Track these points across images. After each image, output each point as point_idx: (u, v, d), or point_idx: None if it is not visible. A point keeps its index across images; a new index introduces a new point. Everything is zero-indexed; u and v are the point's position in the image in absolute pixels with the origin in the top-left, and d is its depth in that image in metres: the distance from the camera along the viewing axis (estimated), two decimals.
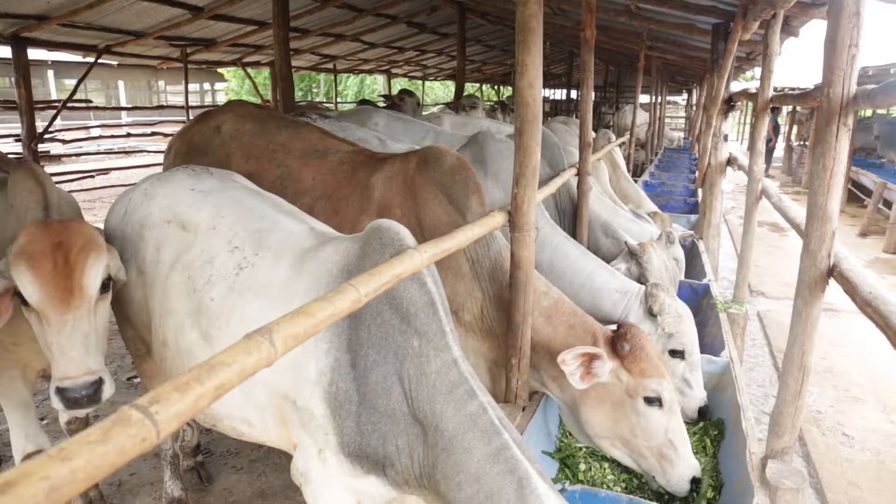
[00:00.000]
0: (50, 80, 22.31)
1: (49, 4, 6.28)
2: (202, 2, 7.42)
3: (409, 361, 1.89)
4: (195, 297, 2.27)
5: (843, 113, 2.09)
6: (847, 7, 2.02)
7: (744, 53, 7.72)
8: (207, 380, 1.04)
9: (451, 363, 1.87)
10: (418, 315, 1.90)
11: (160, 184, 2.64)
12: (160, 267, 2.46)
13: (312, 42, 10.82)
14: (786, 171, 19.75)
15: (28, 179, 2.42)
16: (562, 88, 23.32)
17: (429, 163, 2.94)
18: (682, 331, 3.10)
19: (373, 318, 1.93)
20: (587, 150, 4.33)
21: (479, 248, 2.80)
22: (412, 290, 1.92)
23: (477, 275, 2.82)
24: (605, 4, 6.74)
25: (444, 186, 2.87)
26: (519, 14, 2.30)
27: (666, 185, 9.46)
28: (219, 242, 2.33)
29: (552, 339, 2.70)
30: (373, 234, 2.02)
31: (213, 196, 2.51)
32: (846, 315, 6.57)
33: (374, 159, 3.21)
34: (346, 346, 1.95)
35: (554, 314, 2.76)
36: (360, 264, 1.96)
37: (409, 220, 2.88)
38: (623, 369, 2.47)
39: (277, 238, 2.26)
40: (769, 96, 4.45)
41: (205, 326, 2.23)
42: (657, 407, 2.44)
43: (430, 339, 1.89)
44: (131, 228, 2.58)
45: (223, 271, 2.25)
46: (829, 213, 2.20)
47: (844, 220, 11.87)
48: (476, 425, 1.77)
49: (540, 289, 2.82)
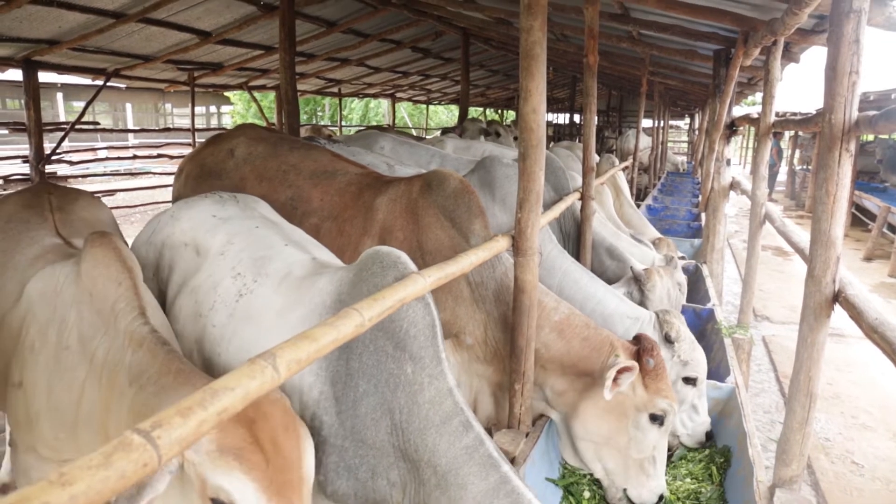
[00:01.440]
0: (59, 102, 22.58)
1: (60, 29, 6.38)
2: (210, 27, 7.53)
3: (402, 390, 1.82)
4: (200, 322, 2.29)
5: (844, 139, 2.10)
6: (847, 35, 2.04)
7: (745, 79, 7.78)
8: (210, 404, 1.03)
9: (446, 392, 1.82)
10: (417, 338, 1.85)
11: (186, 207, 2.71)
12: (171, 287, 2.51)
13: (318, 66, 10.95)
14: (789, 195, 19.76)
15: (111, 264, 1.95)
16: (565, 112, 23.49)
17: (432, 186, 2.95)
18: (697, 359, 3.13)
19: (365, 345, 1.88)
20: (590, 175, 4.34)
21: (483, 270, 2.79)
22: (416, 309, 1.88)
23: (481, 297, 2.81)
24: (608, 31, 6.81)
25: (447, 210, 2.88)
26: (523, 41, 2.33)
27: (669, 209, 9.47)
28: (224, 268, 2.35)
29: (566, 353, 2.71)
30: (367, 260, 2.00)
31: (229, 223, 2.56)
32: (852, 340, 6.52)
33: (379, 182, 3.23)
34: (332, 379, 1.90)
35: (566, 328, 2.76)
36: (353, 291, 1.94)
37: (411, 244, 2.88)
38: (640, 383, 2.49)
39: (277, 266, 2.27)
40: (771, 121, 4.47)
41: (207, 352, 2.24)
42: (658, 425, 2.48)
43: (424, 366, 1.83)
44: (154, 248, 2.64)
45: (225, 297, 2.26)
46: (832, 239, 2.19)
47: (849, 244, 11.84)
48: (472, 459, 1.71)
49: (549, 304, 2.82)
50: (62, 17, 6.02)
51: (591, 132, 4.41)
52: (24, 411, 2.01)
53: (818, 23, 3.93)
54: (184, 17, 6.89)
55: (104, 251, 1.97)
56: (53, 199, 2.81)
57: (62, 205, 2.80)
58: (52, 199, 2.81)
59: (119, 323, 1.81)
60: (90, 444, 1.86)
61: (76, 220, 2.74)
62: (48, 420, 1.95)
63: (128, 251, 2.05)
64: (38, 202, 2.76)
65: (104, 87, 8.72)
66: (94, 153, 15.75)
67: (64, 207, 2.79)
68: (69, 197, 2.92)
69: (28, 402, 2.00)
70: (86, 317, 1.93)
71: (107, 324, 1.86)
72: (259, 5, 7.06)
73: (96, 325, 1.88)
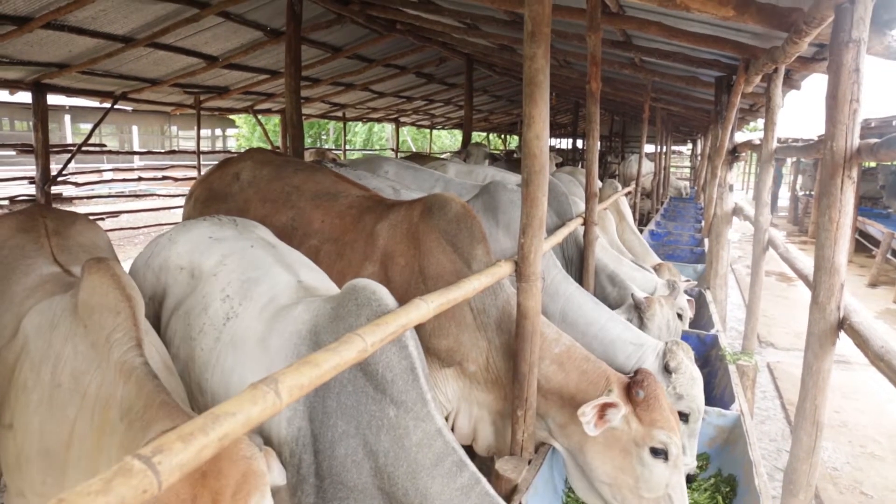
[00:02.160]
0: (66, 124, 22.83)
1: (71, 53, 6.47)
2: (217, 51, 7.63)
3: (385, 433, 1.75)
4: (191, 346, 2.26)
5: (846, 166, 2.11)
6: (847, 64, 2.07)
7: (747, 105, 7.84)
8: (212, 430, 1.03)
9: (434, 433, 1.75)
10: (395, 382, 1.77)
11: (184, 230, 2.70)
12: (166, 310, 2.49)
13: (323, 91, 11.06)
14: (791, 221, 19.78)
15: (109, 293, 1.82)
16: (567, 138, 23.64)
17: (433, 211, 2.92)
18: (693, 395, 3.04)
19: (342, 385, 1.81)
20: (593, 200, 4.36)
21: (485, 297, 2.77)
22: (390, 353, 1.80)
23: (483, 324, 2.78)
24: (610, 57, 6.88)
25: (449, 235, 2.85)
26: (526, 68, 2.36)
27: (672, 234, 9.47)
28: (216, 290, 2.32)
29: (564, 386, 2.66)
30: (347, 294, 1.94)
31: (223, 244, 2.53)
32: (859, 367, 6.47)
33: (381, 206, 3.22)
34: (310, 415, 1.83)
35: (566, 361, 2.72)
36: (333, 326, 1.88)
37: (412, 269, 2.86)
38: (634, 416, 2.44)
39: (262, 290, 2.24)
40: (773, 148, 4.50)
41: (196, 377, 2.21)
42: (662, 459, 2.39)
43: (408, 409, 1.76)
44: (152, 272, 2.62)
45: (214, 320, 2.23)
46: (836, 266, 2.19)
47: (853, 270, 11.81)
48: (469, 498, 1.66)
49: (551, 336, 2.79)
50: (73, 42, 6.11)
51: (593, 157, 4.43)
52: (14, 454, 1.89)
53: (818, 51, 3.97)
54: (191, 41, 6.99)
55: (102, 279, 1.84)
56: (49, 224, 2.65)
57: (58, 229, 2.65)
58: (48, 224, 2.65)
59: (112, 354, 1.69)
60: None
61: (74, 246, 2.60)
62: (38, 464, 1.82)
63: (127, 278, 1.92)
64: (33, 226, 2.61)
65: (111, 109, 8.81)
66: (100, 175, 15.88)
67: (60, 232, 2.64)
68: (65, 221, 2.77)
69: (18, 445, 1.87)
70: (80, 350, 1.80)
71: (101, 356, 1.73)
72: (266, 31, 7.15)
73: (90, 359, 1.76)
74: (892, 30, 2.49)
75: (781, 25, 2.79)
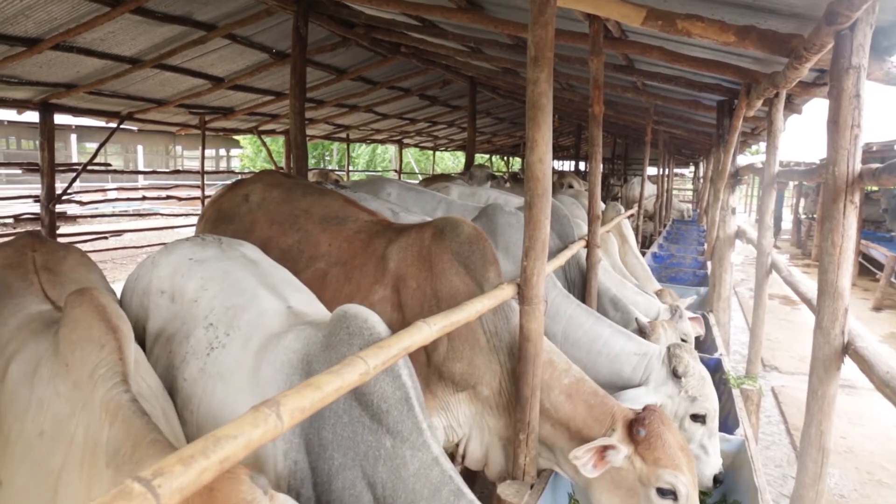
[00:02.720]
0: (72, 143, 23.04)
1: (79, 74, 6.55)
2: (223, 73, 7.72)
3: (382, 464, 1.73)
4: (173, 374, 2.20)
5: (848, 191, 2.12)
6: (847, 90, 2.08)
7: (749, 129, 7.89)
8: (213, 453, 1.02)
9: (431, 462, 1.74)
10: (390, 412, 1.76)
11: (165, 252, 2.65)
12: (149, 336, 2.43)
13: (327, 112, 11.15)
14: (795, 244, 19.76)
15: (93, 325, 1.68)
16: (570, 160, 23.74)
17: (445, 233, 2.92)
18: (706, 395, 3.03)
19: (338, 416, 1.79)
20: (596, 223, 4.36)
21: (497, 320, 2.75)
22: (384, 384, 1.78)
23: (496, 347, 2.75)
24: (613, 81, 6.94)
25: (462, 257, 2.84)
26: (529, 92, 2.38)
27: (675, 256, 9.46)
28: (198, 317, 2.26)
29: (572, 419, 2.63)
30: (338, 322, 1.91)
31: (204, 266, 2.47)
32: (865, 392, 6.41)
33: (390, 230, 3.21)
34: (307, 448, 1.81)
35: (574, 393, 2.68)
36: (325, 356, 1.86)
37: (425, 292, 2.84)
38: (637, 455, 2.37)
39: (249, 318, 2.18)
40: (775, 172, 4.51)
41: (179, 408, 2.14)
42: (671, 500, 2.32)
43: (404, 439, 1.75)
44: (137, 296, 2.58)
45: (197, 349, 2.16)
46: (840, 290, 2.19)
47: (857, 293, 11.77)
48: None
49: (561, 366, 2.77)
50: (81, 63, 6.19)
51: (596, 180, 4.45)
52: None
53: (819, 76, 4.00)
54: (198, 63, 7.07)
55: (84, 311, 1.69)
56: (38, 258, 2.49)
57: (48, 264, 2.48)
58: (37, 258, 2.48)
59: (97, 393, 1.54)
60: None
61: (66, 282, 2.41)
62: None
63: (114, 307, 1.77)
64: (21, 262, 2.44)
65: (117, 129, 8.89)
66: (105, 194, 15.96)
67: (51, 267, 2.47)
68: (57, 255, 2.59)
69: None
70: (62, 392, 1.63)
71: (85, 396, 1.57)
72: (271, 53, 7.24)
73: (74, 401, 1.59)
74: (891, 56, 2.51)
75: (782, 51, 2.81)
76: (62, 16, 5.00)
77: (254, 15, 5.82)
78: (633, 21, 2.90)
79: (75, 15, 5.02)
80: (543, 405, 2.67)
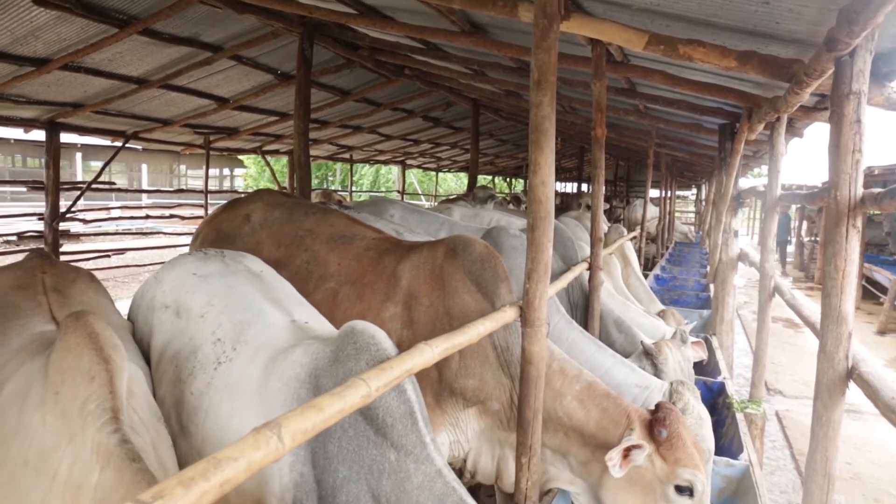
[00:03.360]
0: (77, 162, 23.19)
1: (86, 93, 6.63)
2: (228, 93, 7.80)
3: (387, 477, 1.76)
4: (179, 388, 2.22)
5: (851, 215, 2.12)
6: (848, 115, 2.09)
7: (751, 152, 7.92)
8: (213, 475, 1.01)
9: (434, 475, 1.77)
10: (395, 426, 1.79)
11: (169, 268, 2.68)
12: (154, 351, 2.45)
13: (331, 133, 11.23)
14: (798, 267, 19.73)
15: (84, 354, 1.62)
16: (573, 182, 23.82)
17: (458, 252, 2.94)
18: (702, 436, 3.02)
19: (343, 430, 1.82)
20: (598, 245, 4.36)
21: (508, 336, 2.77)
22: (390, 399, 1.82)
23: (506, 362, 2.77)
24: (615, 104, 6.99)
25: (474, 275, 2.86)
26: (532, 115, 2.39)
27: (678, 279, 9.45)
28: (205, 332, 2.28)
29: (585, 423, 2.64)
30: (346, 338, 1.94)
31: (209, 281, 2.50)
32: (870, 417, 6.35)
33: (400, 247, 3.22)
34: (312, 461, 1.84)
35: (586, 398, 2.70)
36: (333, 370, 1.89)
37: (437, 309, 2.86)
38: (658, 455, 2.41)
39: (256, 332, 2.21)
40: (777, 195, 4.52)
41: (185, 421, 2.17)
42: (687, 496, 2.37)
43: (408, 452, 1.78)
44: (142, 312, 2.61)
45: (204, 364, 2.19)
46: (843, 314, 2.18)
47: (861, 317, 11.71)
48: None
49: (572, 373, 2.78)
50: (88, 83, 6.26)
51: (599, 202, 4.46)
52: None
53: (820, 100, 4.02)
54: (204, 83, 7.15)
55: (77, 338, 1.63)
56: (48, 280, 2.49)
57: (58, 286, 2.48)
58: (46, 280, 2.48)
59: (88, 430, 1.48)
60: None
61: (75, 305, 2.39)
62: None
63: (108, 335, 1.70)
64: (30, 283, 2.44)
65: (122, 148, 8.96)
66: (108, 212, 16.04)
67: (60, 289, 2.46)
68: (66, 277, 2.60)
69: None
70: (49, 422, 1.55)
71: (73, 430, 1.51)
72: (276, 74, 7.32)
73: (61, 432, 1.53)
74: (891, 82, 2.53)
75: (783, 76, 2.83)
76: (71, 37, 5.08)
77: (260, 37, 5.90)
78: (636, 46, 2.93)
79: (84, 36, 5.09)
80: (556, 413, 2.68)
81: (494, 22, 4.37)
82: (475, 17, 4.45)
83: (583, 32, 3.05)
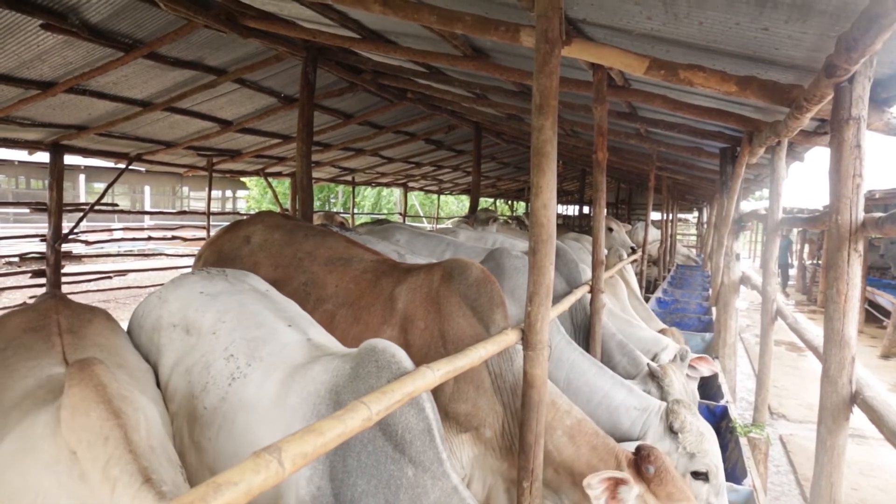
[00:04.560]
0: (81, 183, 23.33)
1: (90, 116, 6.69)
2: (231, 116, 7.86)
3: (404, 492, 1.79)
4: (192, 403, 2.25)
5: (852, 239, 2.12)
6: (848, 140, 2.11)
7: (752, 175, 7.94)
8: (213, 499, 1.01)
9: (451, 491, 1.79)
10: (413, 443, 1.82)
11: (173, 287, 2.71)
12: (163, 369, 2.46)
13: (333, 155, 11.30)
14: (800, 290, 19.69)
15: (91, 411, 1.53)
16: (574, 204, 23.89)
17: (453, 275, 2.93)
18: (705, 451, 2.96)
19: (363, 444, 1.84)
20: (600, 268, 4.36)
21: (502, 362, 2.75)
22: (409, 415, 1.86)
23: (500, 389, 2.75)
24: (617, 128, 7.04)
25: (469, 299, 2.85)
26: (534, 139, 2.41)
27: (679, 302, 9.41)
28: (217, 349, 2.32)
29: (575, 461, 2.61)
30: (367, 355, 1.98)
31: (219, 299, 2.53)
32: (875, 442, 6.29)
33: (397, 270, 3.22)
34: (330, 475, 1.85)
35: (577, 434, 2.68)
36: (354, 387, 1.91)
37: (432, 333, 2.85)
38: (650, 493, 2.37)
39: (271, 349, 2.24)
40: (779, 219, 4.53)
41: (197, 435, 2.19)
42: None
43: (426, 468, 1.81)
44: (146, 333, 2.62)
45: (218, 379, 2.22)
46: (846, 338, 2.17)
47: (864, 340, 11.65)
48: None
49: (563, 407, 2.75)
50: (93, 105, 6.32)
51: (600, 225, 4.46)
52: None
53: (820, 125, 4.05)
54: (207, 106, 7.21)
55: (83, 392, 1.55)
56: (63, 321, 2.43)
57: (73, 327, 2.42)
58: (61, 321, 2.43)
59: (119, 498, 1.40)
60: None
61: (90, 346, 2.33)
62: None
63: (115, 386, 1.63)
64: (44, 325, 2.38)
65: (125, 170, 9.01)
66: (110, 233, 16.08)
67: (76, 330, 2.41)
68: (82, 318, 2.54)
69: None
70: (64, 483, 1.48)
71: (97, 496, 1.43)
72: (280, 97, 7.39)
73: (81, 496, 1.45)
74: (890, 107, 2.55)
75: (783, 101, 2.85)
76: (77, 60, 5.13)
77: (263, 61, 5.96)
78: (636, 70, 2.96)
79: (90, 59, 5.15)
80: (546, 447, 2.64)
81: (497, 47, 4.42)
82: (477, 42, 4.51)
83: (584, 57, 3.08)
